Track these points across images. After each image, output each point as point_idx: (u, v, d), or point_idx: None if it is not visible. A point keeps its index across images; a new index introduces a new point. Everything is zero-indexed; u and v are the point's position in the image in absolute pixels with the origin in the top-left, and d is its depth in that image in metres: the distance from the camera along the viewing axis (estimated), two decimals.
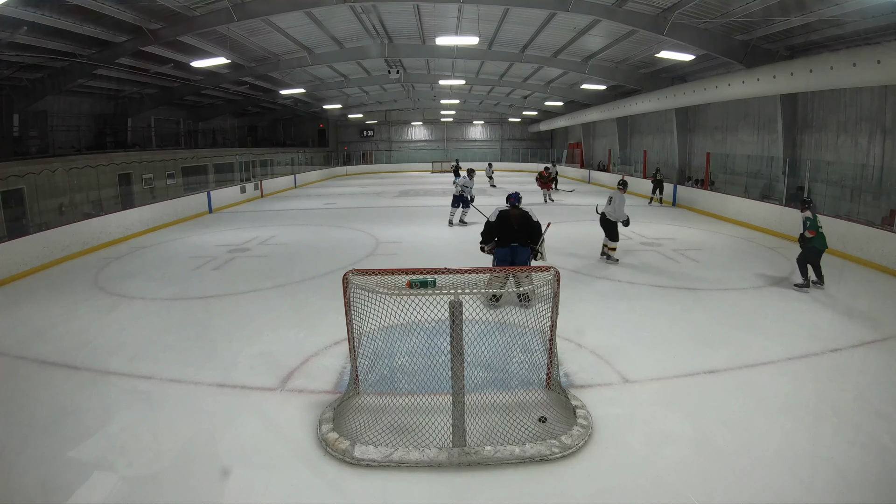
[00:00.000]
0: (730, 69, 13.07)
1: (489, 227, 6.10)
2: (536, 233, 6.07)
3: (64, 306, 6.47)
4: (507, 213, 6.05)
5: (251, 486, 3.05)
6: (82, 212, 12.92)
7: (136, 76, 15.82)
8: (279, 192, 21.93)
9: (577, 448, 3.30)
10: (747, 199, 12.49)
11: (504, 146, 38.47)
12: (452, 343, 3.23)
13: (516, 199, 6.18)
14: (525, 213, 6.05)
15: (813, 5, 9.21)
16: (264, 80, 19.59)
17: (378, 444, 3.30)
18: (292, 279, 7.56)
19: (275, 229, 12.17)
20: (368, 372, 4.10)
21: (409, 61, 19.55)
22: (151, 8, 10.82)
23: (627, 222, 8.23)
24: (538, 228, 6.08)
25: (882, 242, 7.89)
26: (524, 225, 6.01)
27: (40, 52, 11.76)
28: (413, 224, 12.53)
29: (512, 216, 6.03)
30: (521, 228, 5.99)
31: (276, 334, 5.39)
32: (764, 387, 4.17)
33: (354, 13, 12.92)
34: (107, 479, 3.09)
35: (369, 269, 3.58)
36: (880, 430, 3.50)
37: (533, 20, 13.28)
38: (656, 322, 5.66)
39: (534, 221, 6.02)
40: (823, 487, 2.97)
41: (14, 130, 14.34)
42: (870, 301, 6.29)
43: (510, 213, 6.05)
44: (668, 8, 10.79)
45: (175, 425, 3.67)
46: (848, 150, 11.47)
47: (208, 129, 25.52)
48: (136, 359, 4.80)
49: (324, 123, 35.86)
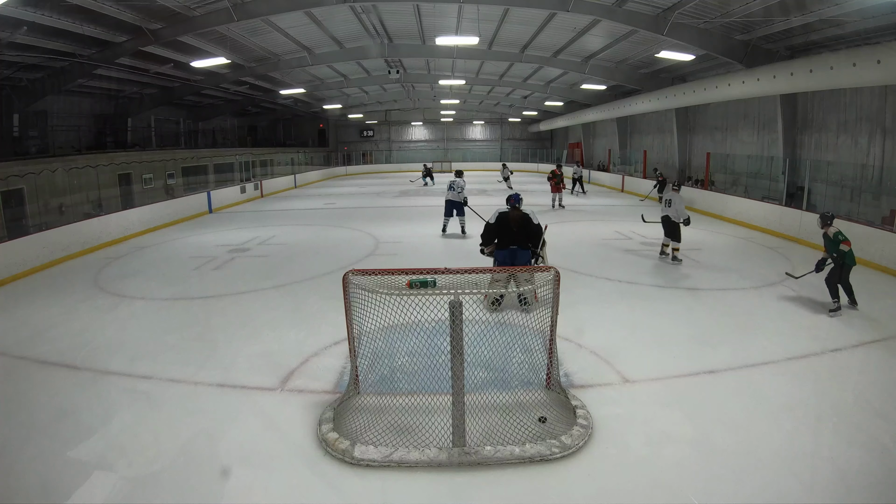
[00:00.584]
0: (730, 69, 13.07)
1: (488, 229, 6.03)
2: (537, 235, 5.98)
3: (64, 306, 6.47)
4: (507, 214, 5.97)
5: (251, 486, 3.05)
6: (82, 212, 12.91)
7: (136, 76, 15.83)
8: (279, 192, 21.93)
9: (577, 448, 3.30)
10: (747, 199, 12.49)
11: (504, 146, 38.46)
12: (452, 343, 3.23)
13: (517, 201, 6.05)
14: (525, 216, 5.96)
15: (813, 5, 9.22)
16: (264, 80, 19.59)
17: (378, 444, 3.30)
18: (292, 279, 7.56)
19: (275, 229, 12.17)
20: (368, 372, 4.10)
21: (409, 61, 19.55)
22: (151, 8, 10.82)
23: (688, 221, 8.13)
24: (539, 231, 5.99)
25: (882, 242, 7.89)
26: (524, 227, 5.92)
27: (40, 52, 11.76)
28: (413, 224, 12.53)
29: (512, 218, 5.93)
30: (521, 231, 5.91)
31: (276, 334, 5.39)
32: (764, 387, 4.16)
33: (354, 13, 12.92)
34: (107, 479, 3.09)
35: (369, 269, 3.58)
36: (880, 430, 3.50)
37: (533, 20, 13.28)
38: (656, 322, 5.66)
39: (534, 224, 5.93)
40: (823, 487, 2.97)
41: (14, 130, 14.34)
42: (870, 301, 6.28)
43: (510, 214, 5.96)
44: (668, 8, 10.79)
45: (175, 425, 3.67)
46: (848, 150, 11.47)
47: (208, 129, 25.52)
48: (136, 359, 4.79)
49: (324, 123, 35.85)
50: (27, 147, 14.86)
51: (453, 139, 38.96)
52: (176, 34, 12.07)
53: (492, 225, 5.99)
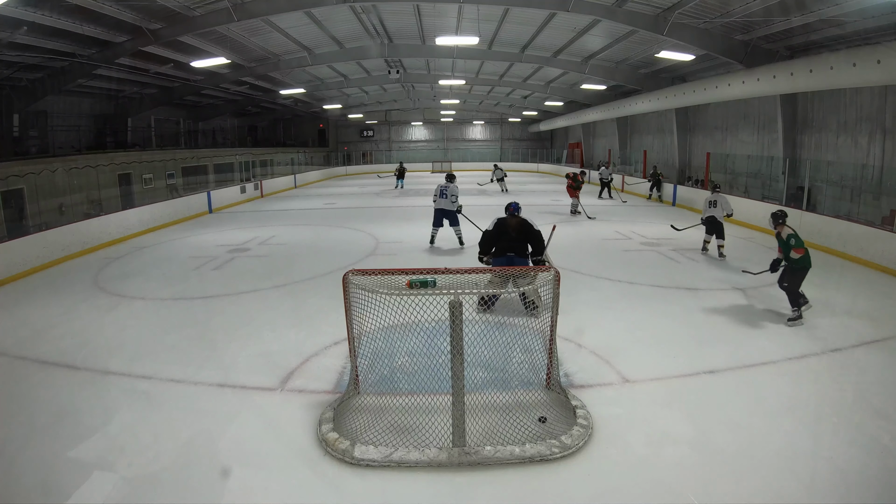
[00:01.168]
0: (730, 69, 13.07)
1: (487, 237, 5.93)
2: (538, 241, 5.87)
3: (64, 306, 6.46)
4: (505, 221, 5.90)
5: (251, 486, 3.05)
6: (82, 212, 12.91)
7: (136, 76, 15.83)
8: (279, 192, 21.93)
9: (577, 448, 3.30)
10: (747, 199, 12.48)
11: (504, 146, 38.48)
12: (452, 343, 3.23)
13: (515, 209, 5.99)
14: (524, 221, 5.89)
15: (813, 5, 9.21)
16: (264, 80, 19.59)
17: (378, 444, 3.30)
18: (292, 279, 7.56)
19: (275, 229, 12.17)
20: (368, 372, 4.11)
21: (409, 61, 19.55)
22: (151, 8, 10.81)
23: (731, 213, 8.74)
24: (539, 237, 5.88)
25: (882, 242, 7.89)
26: (523, 234, 5.83)
27: (40, 52, 11.76)
28: (413, 224, 12.52)
29: (510, 225, 5.88)
30: (519, 237, 5.83)
31: (276, 334, 5.39)
32: (764, 387, 4.16)
33: (354, 13, 12.92)
34: (107, 479, 3.09)
35: (369, 269, 3.58)
36: (880, 430, 3.50)
37: (533, 20, 13.28)
38: (656, 322, 5.65)
39: (535, 230, 5.84)
40: (823, 487, 2.97)
41: (14, 130, 14.34)
42: (870, 301, 6.28)
43: (508, 221, 5.90)
44: (668, 8, 10.79)
45: (175, 425, 3.67)
46: (848, 150, 11.47)
47: (208, 129, 25.52)
48: (136, 359, 4.79)
49: (324, 123, 35.86)
50: (27, 147, 14.88)
51: (453, 139, 38.98)
52: (176, 34, 12.07)
53: (490, 232, 5.91)
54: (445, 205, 9.04)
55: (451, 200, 9.02)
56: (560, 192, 19.40)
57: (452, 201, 9.03)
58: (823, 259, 8.60)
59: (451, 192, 9.05)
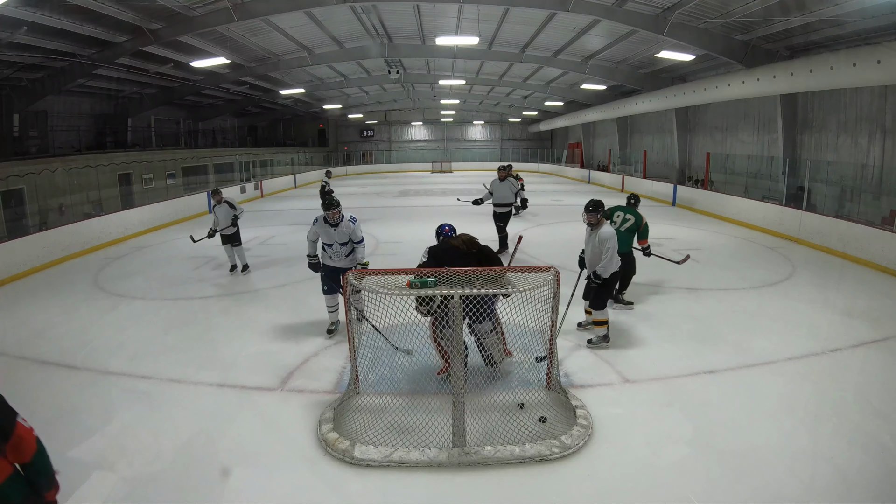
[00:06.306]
0: (730, 69, 13.07)
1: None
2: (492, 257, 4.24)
3: (64, 306, 6.46)
4: (447, 242, 4.31)
5: (251, 486, 3.05)
6: (82, 212, 12.91)
7: (136, 76, 15.82)
8: (279, 192, 21.91)
9: (577, 448, 3.30)
10: (747, 199, 12.48)
11: (504, 146, 38.47)
12: (453, 343, 3.23)
13: (452, 230, 4.67)
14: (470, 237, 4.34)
15: (813, 5, 9.22)
16: (264, 80, 19.59)
17: (378, 444, 3.30)
18: (292, 279, 7.55)
19: (275, 229, 12.16)
20: (368, 372, 4.10)
21: (409, 61, 19.55)
22: (151, 8, 10.82)
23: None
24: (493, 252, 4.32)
25: (882, 242, 7.88)
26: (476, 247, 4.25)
27: (40, 52, 11.76)
28: (413, 224, 12.51)
29: (455, 245, 4.22)
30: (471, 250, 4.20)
31: (276, 334, 5.39)
32: (764, 387, 4.16)
33: (354, 13, 12.91)
34: (107, 479, 3.09)
35: (369, 269, 3.58)
36: (880, 430, 3.50)
37: (533, 20, 13.28)
38: (656, 322, 5.65)
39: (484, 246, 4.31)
40: (823, 487, 2.97)
41: (14, 130, 14.34)
42: (870, 301, 6.28)
43: (451, 242, 4.28)
44: (668, 8, 10.79)
45: (175, 425, 3.67)
46: (848, 150, 11.47)
47: (208, 129, 25.53)
48: (136, 359, 4.79)
49: (324, 123, 35.87)
50: (27, 147, 14.87)
51: (453, 139, 38.98)
52: (176, 34, 12.07)
53: (429, 263, 4.13)
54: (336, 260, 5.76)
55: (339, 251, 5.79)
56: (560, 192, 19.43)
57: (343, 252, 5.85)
58: (823, 259, 8.61)
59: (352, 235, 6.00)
